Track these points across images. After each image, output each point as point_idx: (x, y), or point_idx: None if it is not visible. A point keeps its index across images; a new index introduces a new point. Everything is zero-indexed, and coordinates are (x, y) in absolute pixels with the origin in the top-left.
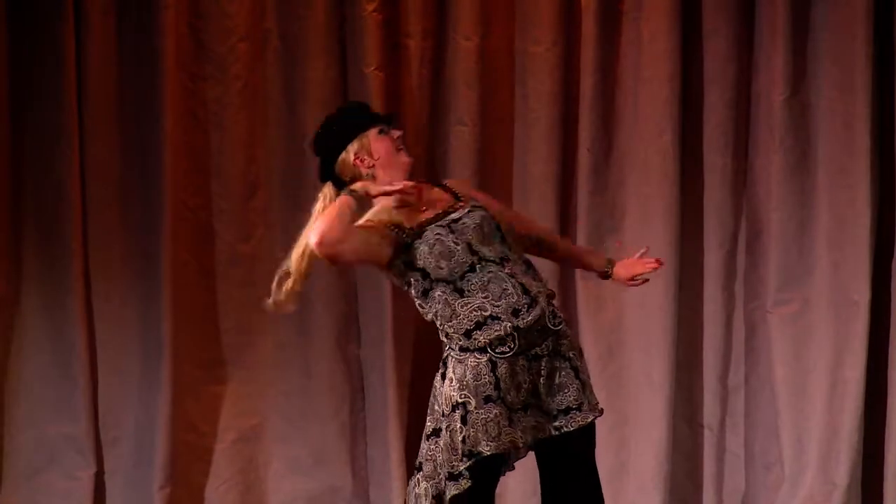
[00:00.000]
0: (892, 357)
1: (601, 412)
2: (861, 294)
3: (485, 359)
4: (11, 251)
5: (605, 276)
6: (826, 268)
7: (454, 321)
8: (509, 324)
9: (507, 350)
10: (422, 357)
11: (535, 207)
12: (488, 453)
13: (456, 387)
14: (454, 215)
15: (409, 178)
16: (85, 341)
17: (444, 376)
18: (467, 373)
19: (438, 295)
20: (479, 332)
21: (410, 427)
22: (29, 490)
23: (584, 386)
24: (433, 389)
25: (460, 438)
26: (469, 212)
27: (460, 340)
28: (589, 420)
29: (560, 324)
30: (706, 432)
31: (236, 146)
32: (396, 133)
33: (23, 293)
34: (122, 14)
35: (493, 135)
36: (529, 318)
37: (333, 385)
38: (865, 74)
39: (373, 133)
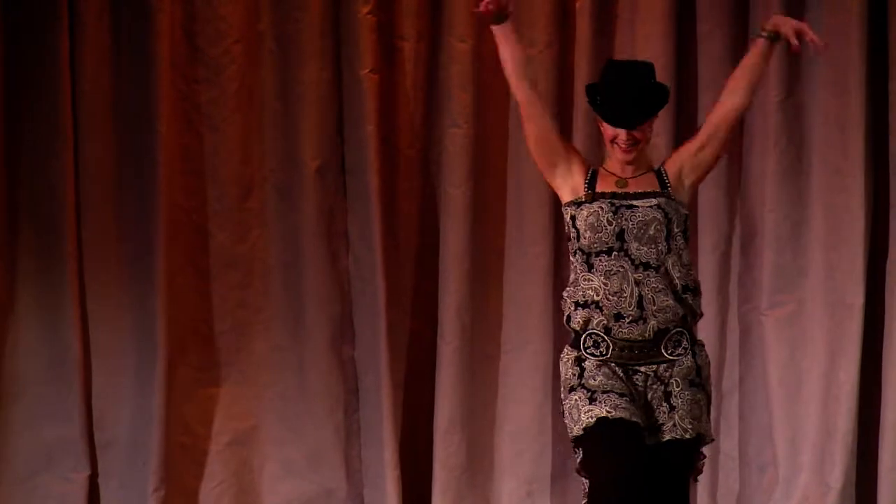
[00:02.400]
0: (886, 359)
1: (693, 436)
2: (855, 296)
3: (574, 355)
4: (6, 253)
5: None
6: (820, 270)
7: (572, 289)
8: (605, 322)
9: (598, 354)
10: (416, 359)
11: (529, 209)
12: (580, 433)
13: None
14: (635, 201)
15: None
16: (79, 343)
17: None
18: (562, 369)
19: (575, 259)
20: (581, 311)
21: (405, 428)
22: (23, 492)
23: (673, 409)
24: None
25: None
26: (651, 206)
27: (573, 322)
28: (664, 439)
29: (679, 355)
30: None
31: (231, 148)
32: (623, 136)
33: (17, 295)
34: (117, 16)
35: (487, 137)
36: (625, 330)
37: (328, 387)
38: (860, 77)
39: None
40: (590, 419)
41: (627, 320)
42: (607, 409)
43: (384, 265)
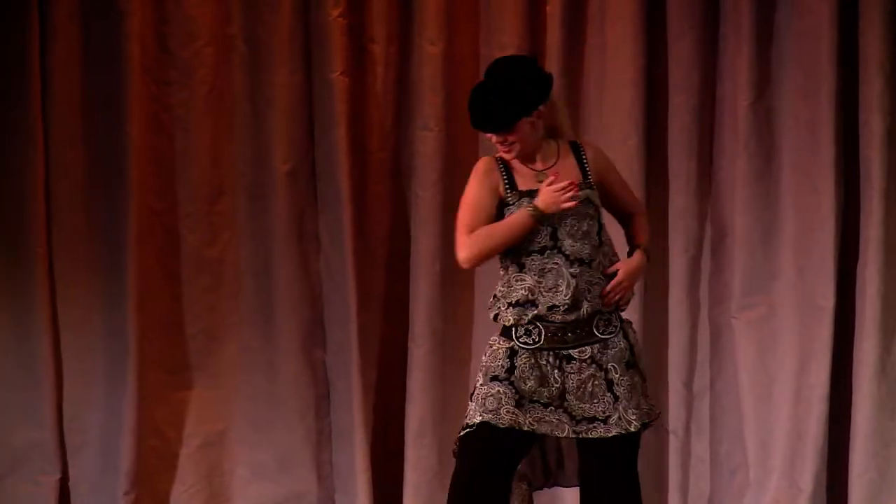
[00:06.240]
0: (857, 361)
1: (638, 427)
2: (826, 299)
3: (506, 345)
4: None
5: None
6: (791, 272)
7: (504, 289)
8: (538, 313)
9: (531, 342)
10: (387, 362)
11: None
12: (477, 420)
13: (481, 368)
14: None
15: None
16: (50, 346)
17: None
18: (487, 354)
19: (507, 263)
20: (513, 310)
21: (376, 432)
22: None
23: (617, 399)
24: None
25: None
26: (583, 202)
27: (502, 319)
28: (610, 434)
29: (610, 333)
30: (671, 437)
31: (202, 150)
32: (494, 138)
33: None
34: (88, 19)
35: (458, 139)
36: (559, 318)
37: (299, 390)
38: (830, 79)
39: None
40: (510, 419)
41: (562, 309)
42: (530, 421)
43: (355, 268)
